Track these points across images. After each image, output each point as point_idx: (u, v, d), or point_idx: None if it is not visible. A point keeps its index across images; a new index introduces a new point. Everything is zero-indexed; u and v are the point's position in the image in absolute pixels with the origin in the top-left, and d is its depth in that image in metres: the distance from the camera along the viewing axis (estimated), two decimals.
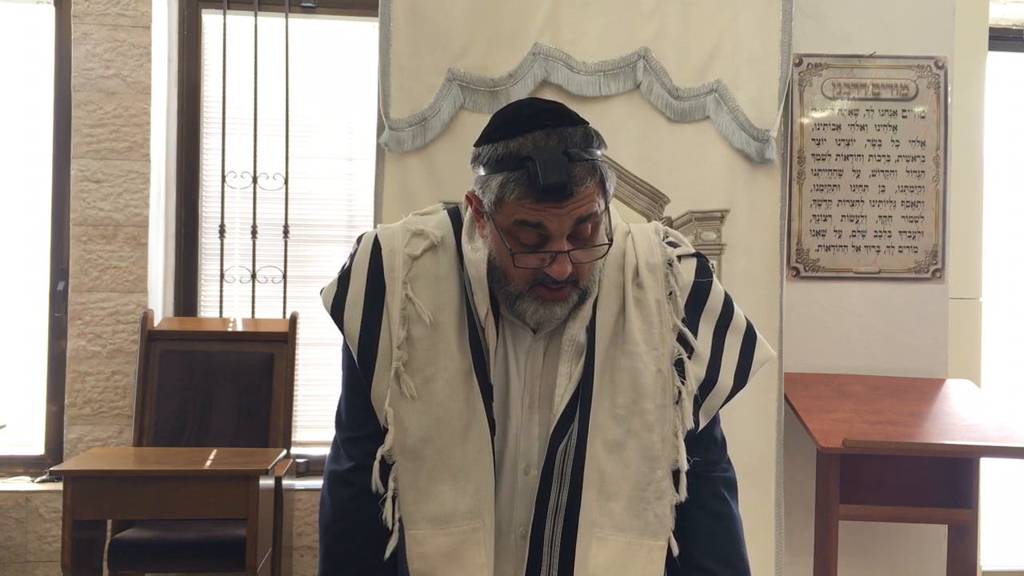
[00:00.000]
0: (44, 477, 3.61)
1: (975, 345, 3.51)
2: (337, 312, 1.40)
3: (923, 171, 3.13)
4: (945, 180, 3.14)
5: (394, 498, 1.37)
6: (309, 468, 3.72)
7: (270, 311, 3.82)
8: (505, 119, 1.33)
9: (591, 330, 1.38)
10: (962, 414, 2.90)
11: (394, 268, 1.39)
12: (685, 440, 1.39)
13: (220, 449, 3.16)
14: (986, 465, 2.88)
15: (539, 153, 1.25)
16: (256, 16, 3.81)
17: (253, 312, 3.81)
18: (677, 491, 1.38)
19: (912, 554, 3.12)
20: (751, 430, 2.83)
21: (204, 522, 3.08)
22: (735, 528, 1.45)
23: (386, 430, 1.38)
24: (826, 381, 3.04)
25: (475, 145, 1.36)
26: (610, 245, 1.33)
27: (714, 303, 1.43)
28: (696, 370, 1.40)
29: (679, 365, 1.39)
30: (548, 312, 1.33)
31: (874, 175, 3.14)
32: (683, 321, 1.40)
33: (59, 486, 3.01)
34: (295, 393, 3.52)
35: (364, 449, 1.41)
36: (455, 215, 1.45)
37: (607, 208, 1.32)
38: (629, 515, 1.36)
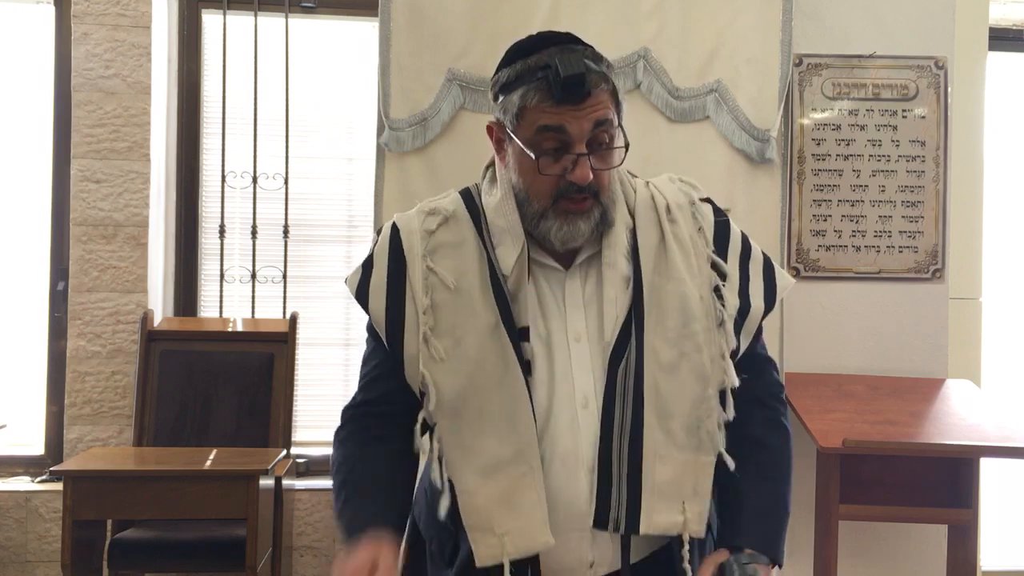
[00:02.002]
0: (44, 477, 3.61)
1: (975, 345, 3.51)
2: (362, 296, 1.46)
3: (923, 171, 3.13)
4: (945, 180, 3.14)
5: (440, 459, 1.40)
6: (309, 468, 3.72)
7: (270, 311, 3.82)
8: (519, 45, 1.41)
9: (635, 260, 1.44)
10: (962, 414, 2.90)
11: (413, 246, 1.45)
12: (736, 362, 1.46)
13: (220, 449, 3.16)
14: (986, 465, 2.88)
15: (558, 56, 1.34)
16: (256, 16, 3.81)
17: (253, 312, 3.81)
18: (724, 410, 1.43)
19: (912, 554, 3.12)
20: None
21: (204, 522, 3.08)
22: (785, 457, 1.54)
23: (423, 394, 1.41)
24: (826, 381, 3.04)
25: (493, 75, 1.44)
26: (627, 150, 1.40)
27: (735, 239, 1.53)
28: (731, 297, 1.47)
29: (716, 292, 1.46)
30: (572, 228, 1.39)
31: (874, 175, 3.14)
32: (713, 252, 1.49)
33: (59, 486, 3.01)
34: (295, 393, 3.51)
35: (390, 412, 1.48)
36: (466, 191, 1.52)
37: (620, 125, 1.40)
38: (686, 433, 1.41)
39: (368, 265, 1.48)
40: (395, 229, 1.48)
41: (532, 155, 1.36)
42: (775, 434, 1.53)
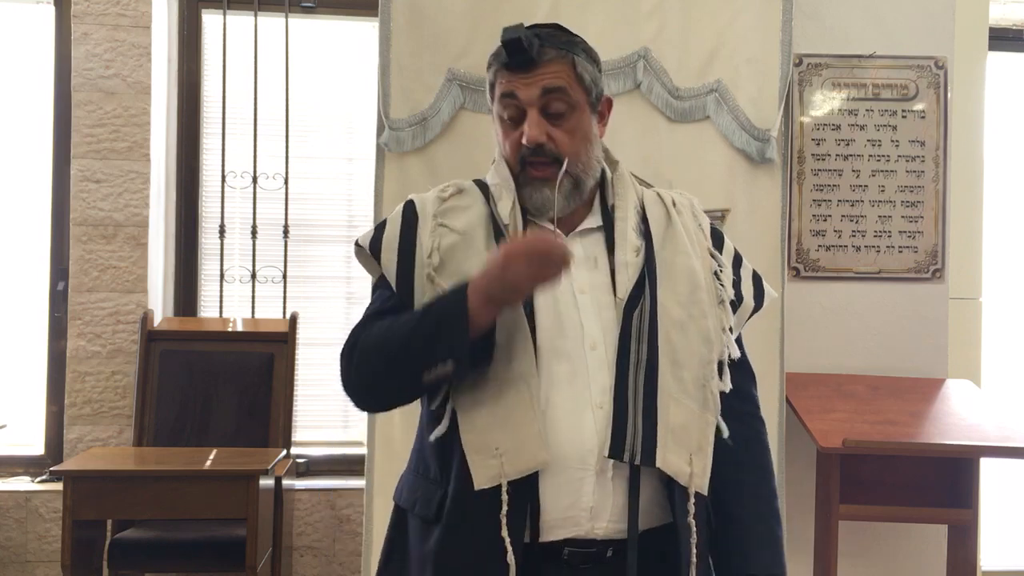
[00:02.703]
0: (44, 477, 3.61)
1: (975, 345, 3.51)
2: (375, 249, 1.53)
3: (923, 171, 3.13)
4: (945, 180, 3.14)
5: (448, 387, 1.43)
6: (309, 468, 3.72)
7: (270, 311, 3.82)
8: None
9: (646, 233, 1.52)
10: (962, 414, 2.90)
11: (426, 208, 1.53)
12: (728, 365, 1.53)
13: (220, 449, 3.16)
14: (986, 465, 2.88)
15: (504, 29, 1.45)
16: (256, 16, 3.81)
17: (253, 312, 3.81)
18: (722, 379, 1.51)
19: (912, 554, 3.12)
20: None
21: (204, 522, 3.08)
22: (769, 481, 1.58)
23: None
24: (826, 381, 3.03)
25: None
26: (604, 124, 1.56)
27: (728, 245, 1.64)
28: (727, 285, 1.57)
29: (715, 276, 1.56)
30: (539, 195, 1.48)
31: (874, 175, 3.13)
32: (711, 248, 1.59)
33: (59, 486, 3.01)
34: (295, 393, 3.52)
35: None
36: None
37: (589, 104, 1.51)
38: (694, 386, 1.46)
39: (381, 226, 1.56)
40: (409, 201, 1.57)
41: (501, 122, 1.49)
42: (762, 454, 1.58)
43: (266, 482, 2.92)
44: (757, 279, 1.65)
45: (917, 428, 2.82)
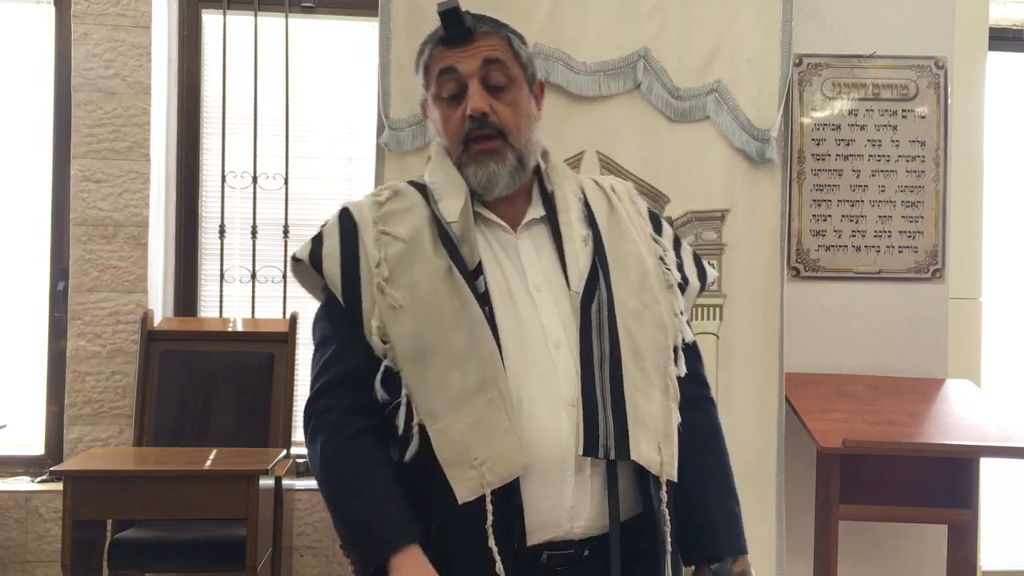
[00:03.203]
0: (44, 477, 3.61)
1: (975, 345, 3.51)
2: (316, 260, 1.47)
3: (923, 171, 3.13)
4: (945, 180, 3.14)
5: (408, 405, 1.39)
6: (309, 468, 3.72)
7: (270, 311, 3.82)
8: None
9: (592, 223, 1.52)
10: (962, 414, 2.90)
11: (363, 215, 1.48)
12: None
13: (220, 449, 3.16)
14: (986, 465, 2.88)
15: (437, 7, 1.45)
16: (256, 16, 3.81)
17: (253, 312, 3.81)
18: (677, 365, 1.52)
19: (912, 554, 3.12)
20: (751, 430, 2.83)
21: (204, 522, 3.08)
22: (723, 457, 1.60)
23: (386, 342, 1.41)
24: (826, 381, 3.03)
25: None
26: (539, 99, 1.55)
27: (667, 228, 1.64)
28: (672, 269, 1.58)
29: (661, 260, 1.57)
30: (485, 170, 1.46)
31: (874, 175, 3.13)
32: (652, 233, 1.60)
33: (59, 486, 3.00)
34: (295, 393, 3.51)
35: (360, 393, 1.42)
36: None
37: (527, 81, 1.51)
38: (656, 374, 1.47)
39: (318, 239, 1.50)
40: (343, 209, 1.52)
41: (441, 102, 1.48)
42: (716, 435, 1.59)
43: (266, 482, 2.91)
44: (697, 259, 1.67)
45: (917, 428, 2.82)
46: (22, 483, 3.62)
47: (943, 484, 2.86)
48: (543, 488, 1.37)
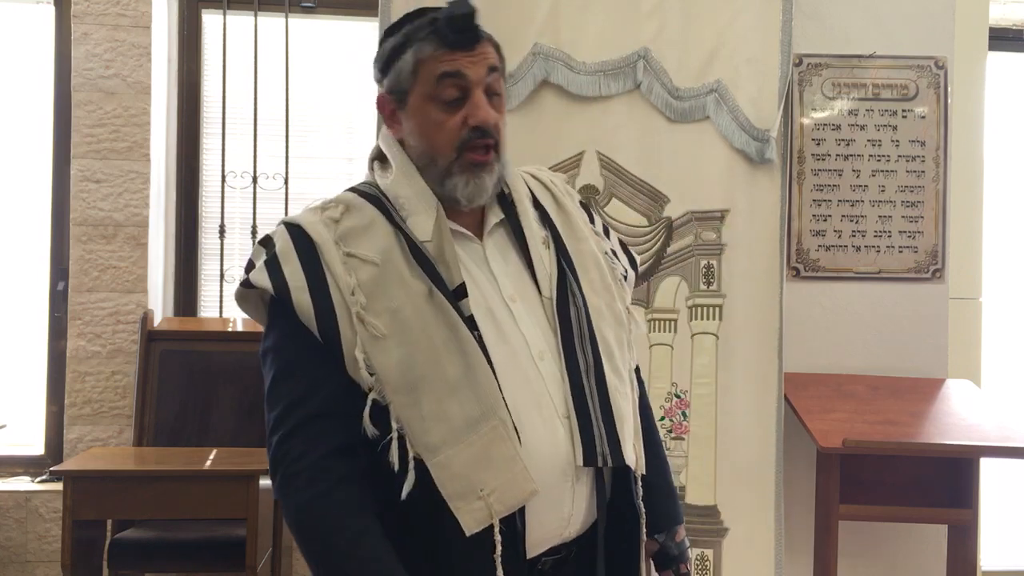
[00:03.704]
0: (44, 477, 3.61)
1: (975, 345, 3.50)
2: (281, 289, 1.33)
3: (923, 171, 3.13)
4: (945, 180, 3.14)
5: (400, 439, 1.31)
6: None
7: None
8: (395, 23, 1.44)
9: (549, 224, 1.50)
10: (962, 414, 2.90)
11: (320, 234, 1.36)
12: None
13: (220, 449, 3.16)
14: (986, 465, 2.88)
15: (447, 4, 1.37)
16: (256, 16, 3.81)
17: None
18: (631, 355, 1.55)
19: (912, 554, 3.12)
20: (751, 430, 2.83)
21: (204, 522, 3.08)
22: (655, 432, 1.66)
23: (372, 374, 1.32)
24: (826, 381, 3.03)
25: (377, 53, 1.46)
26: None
27: (598, 218, 1.64)
28: (618, 262, 1.59)
29: (608, 255, 1.57)
30: (478, 183, 1.39)
31: (874, 175, 3.13)
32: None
33: (59, 486, 3.01)
34: None
35: (335, 431, 1.32)
36: (350, 189, 1.49)
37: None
38: (624, 371, 1.50)
39: (272, 263, 1.35)
40: (291, 226, 1.38)
41: (435, 105, 1.38)
42: (649, 414, 1.64)
43: (266, 482, 2.91)
44: (625, 247, 1.66)
45: (917, 428, 2.82)
46: (22, 483, 3.62)
47: (943, 484, 2.86)
48: (547, 504, 1.36)
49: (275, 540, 3.15)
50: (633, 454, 1.46)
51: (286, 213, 3.82)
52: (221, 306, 3.81)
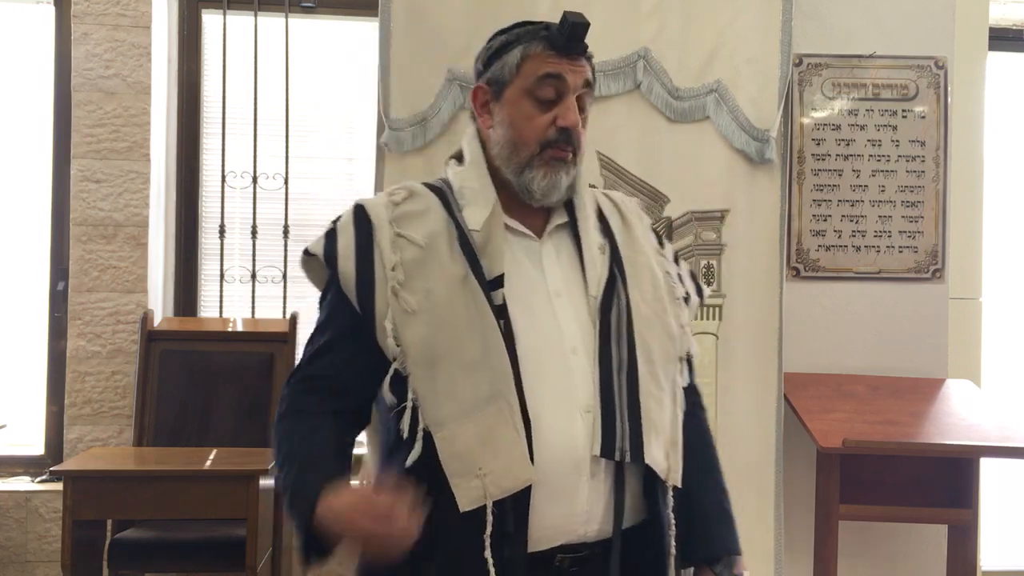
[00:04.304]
0: (44, 477, 3.61)
1: (975, 345, 3.50)
2: (330, 257, 1.47)
3: (923, 171, 3.13)
4: (945, 180, 3.14)
5: (414, 409, 1.39)
6: None
7: (270, 311, 3.82)
8: (508, 27, 1.55)
9: (608, 233, 1.55)
10: (962, 414, 2.90)
11: (379, 214, 1.48)
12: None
13: (220, 449, 3.16)
14: (986, 465, 2.88)
15: (566, 12, 1.46)
16: (256, 16, 3.81)
17: (253, 312, 3.81)
18: (682, 375, 1.56)
19: (912, 554, 3.12)
20: (751, 430, 2.83)
21: (204, 522, 3.08)
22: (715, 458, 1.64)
23: (398, 345, 1.41)
24: (826, 381, 3.04)
25: (485, 46, 1.56)
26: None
27: (669, 246, 1.68)
28: (679, 284, 1.62)
29: (668, 275, 1.61)
30: (554, 178, 1.48)
31: (874, 175, 3.14)
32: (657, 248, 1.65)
33: (59, 486, 3.00)
34: None
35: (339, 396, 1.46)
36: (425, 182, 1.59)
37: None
38: (666, 381, 1.50)
39: (332, 235, 1.50)
40: (358, 206, 1.52)
41: (531, 101, 1.47)
42: (710, 441, 1.64)
43: (266, 482, 2.91)
44: (693, 276, 1.71)
45: (917, 428, 2.82)
46: (22, 483, 3.62)
47: (943, 484, 2.86)
48: (556, 494, 1.38)
49: (275, 540, 3.15)
50: (662, 459, 1.45)
51: (286, 213, 3.82)
52: (221, 306, 3.81)
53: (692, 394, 1.62)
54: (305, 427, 1.44)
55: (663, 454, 1.45)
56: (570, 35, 1.46)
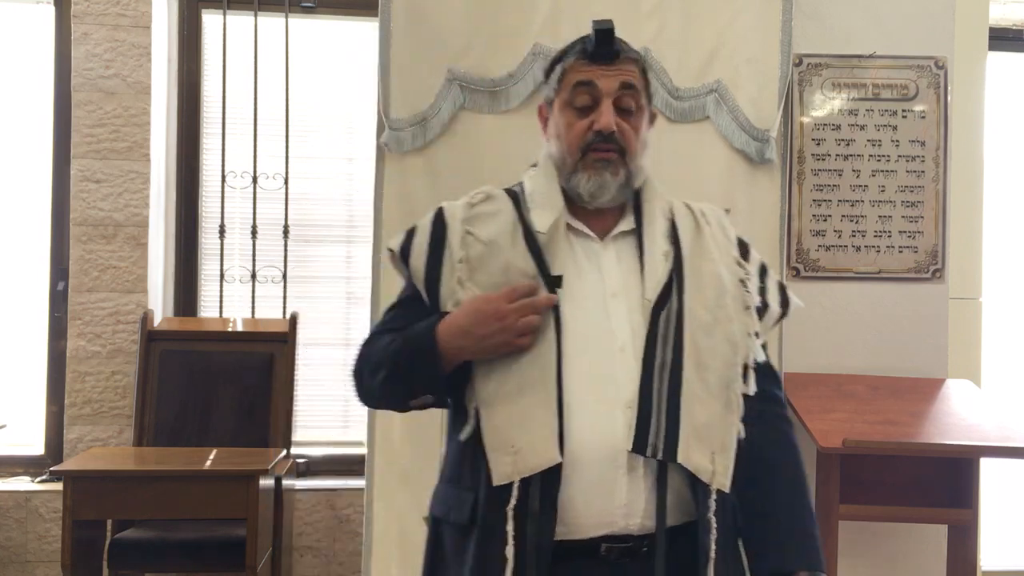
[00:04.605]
0: (44, 477, 3.61)
1: (975, 345, 3.51)
2: (404, 253, 1.59)
3: (923, 171, 3.13)
4: (945, 180, 3.14)
5: (471, 387, 1.49)
6: (309, 468, 3.72)
7: (270, 311, 3.82)
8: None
9: (674, 239, 1.58)
10: (962, 414, 2.90)
11: (455, 215, 1.59)
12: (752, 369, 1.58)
13: (220, 449, 3.16)
14: (986, 465, 2.88)
15: (592, 20, 1.54)
16: (256, 16, 3.81)
17: (253, 312, 3.81)
18: (746, 383, 1.55)
19: (912, 554, 3.12)
20: None
21: (204, 522, 3.08)
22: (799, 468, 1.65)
23: None
24: (826, 381, 3.03)
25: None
26: (651, 122, 1.64)
27: (755, 256, 1.71)
28: (753, 292, 1.63)
29: (742, 283, 1.61)
30: (599, 179, 1.54)
31: (874, 175, 3.13)
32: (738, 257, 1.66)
33: (59, 486, 3.01)
34: (295, 393, 3.51)
35: None
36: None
37: (648, 113, 1.62)
38: (719, 387, 1.51)
39: (411, 233, 1.61)
40: (439, 208, 1.62)
41: (569, 110, 1.55)
42: (789, 452, 1.64)
43: (266, 482, 2.92)
44: (782, 288, 1.73)
45: (917, 428, 2.82)
46: (22, 483, 3.62)
47: (943, 484, 2.86)
48: (591, 484, 1.44)
49: (275, 540, 3.15)
50: (704, 461, 1.47)
51: (286, 213, 3.83)
52: (221, 306, 3.81)
53: (770, 403, 1.62)
54: (391, 335, 1.54)
55: (707, 456, 1.47)
56: (597, 41, 1.53)
